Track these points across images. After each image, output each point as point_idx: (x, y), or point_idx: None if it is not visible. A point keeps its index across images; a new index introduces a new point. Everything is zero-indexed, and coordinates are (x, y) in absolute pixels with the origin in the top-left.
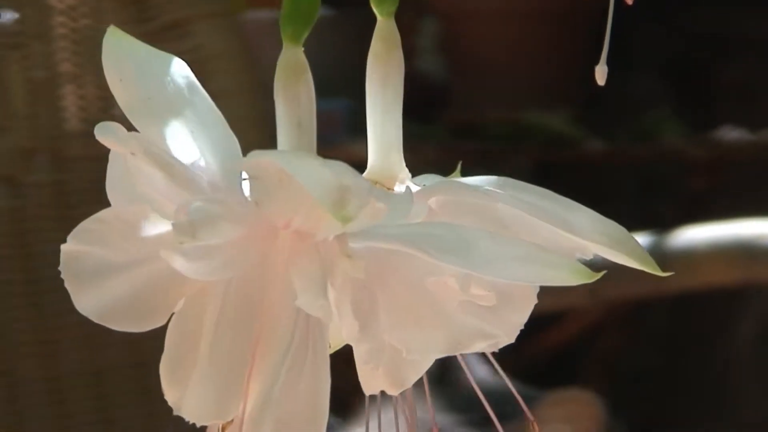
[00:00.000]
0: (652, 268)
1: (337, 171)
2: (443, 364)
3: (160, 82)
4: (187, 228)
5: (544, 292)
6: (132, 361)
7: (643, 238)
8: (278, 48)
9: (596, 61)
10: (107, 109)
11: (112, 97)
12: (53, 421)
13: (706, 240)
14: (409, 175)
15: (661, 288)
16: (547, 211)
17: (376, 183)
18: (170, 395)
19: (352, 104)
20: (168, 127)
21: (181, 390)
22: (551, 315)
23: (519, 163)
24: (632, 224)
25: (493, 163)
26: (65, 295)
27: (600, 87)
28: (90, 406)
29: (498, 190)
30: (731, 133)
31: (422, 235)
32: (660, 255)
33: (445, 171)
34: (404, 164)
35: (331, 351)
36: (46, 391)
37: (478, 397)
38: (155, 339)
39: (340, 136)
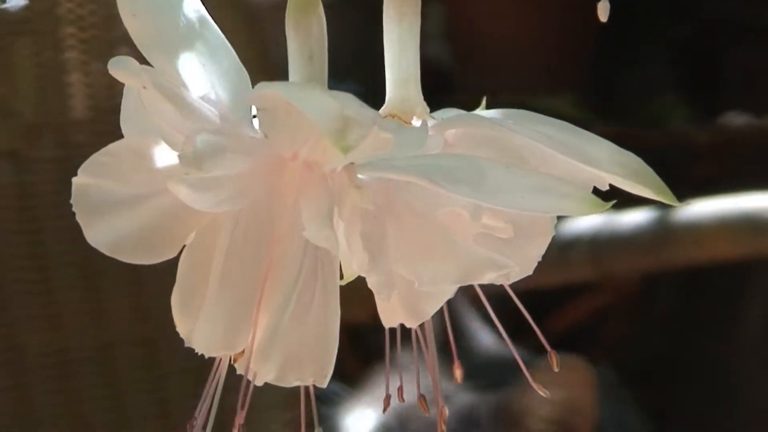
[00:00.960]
0: (668, 199)
1: (342, 101)
2: (446, 330)
3: (172, 17)
4: (192, 159)
5: (549, 266)
6: (139, 336)
7: (648, 213)
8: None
9: (603, 47)
10: (114, 97)
11: (118, 84)
12: (60, 395)
13: (711, 214)
14: (428, 108)
15: (666, 262)
16: (564, 143)
17: (393, 117)
18: (181, 327)
19: (359, 89)
20: (179, 60)
21: (192, 322)
22: (556, 296)
23: None
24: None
25: None
26: (72, 270)
27: (607, 72)
28: (97, 380)
29: (515, 123)
30: (737, 119)
31: (433, 167)
32: (665, 229)
33: None
34: (422, 98)
35: (343, 282)
36: (54, 365)
37: (481, 364)
38: (165, 312)
39: None
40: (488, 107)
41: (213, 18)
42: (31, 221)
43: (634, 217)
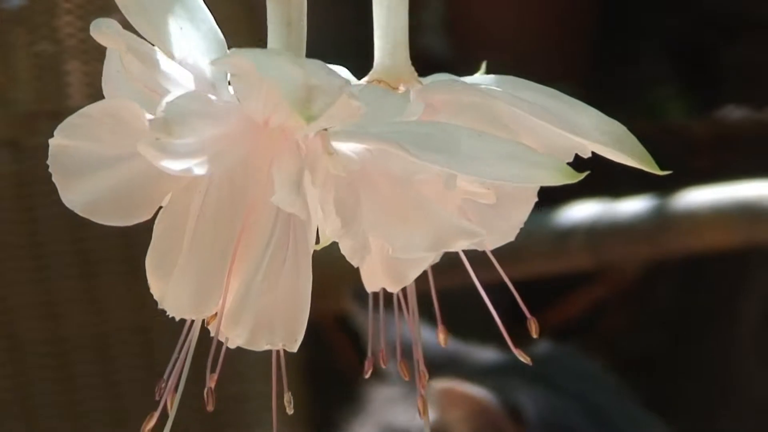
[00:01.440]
0: (651, 167)
1: (309, 69)
2: None
3: None
4: (161, 124)
5: (546, 254)
6: (135, 325)
7: (645, 201)
8: None
9: (602, 39)
10: None
11: None
12: (57, 383)
13: (708, 203)
14: (415, 74)
15: (663, 249)
16: (548, 110)
17: (380, 82)
18: (155, 288)
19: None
20: (158, 23)
21: (166, 284)
22: (553, 289)
23: None
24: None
25: None
26: (69, 258)
27: (605, 64)
28: (93, 368)
29: (498, 89)
30: (735, 112)
31: (407, 134)
32: (662, 216)
33: None
34: (410, 63)
35: (318, 248)
36: (50, 353)
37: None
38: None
39: None
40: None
41: (211, 7)
42: (28, 210)
43: (632, 206)
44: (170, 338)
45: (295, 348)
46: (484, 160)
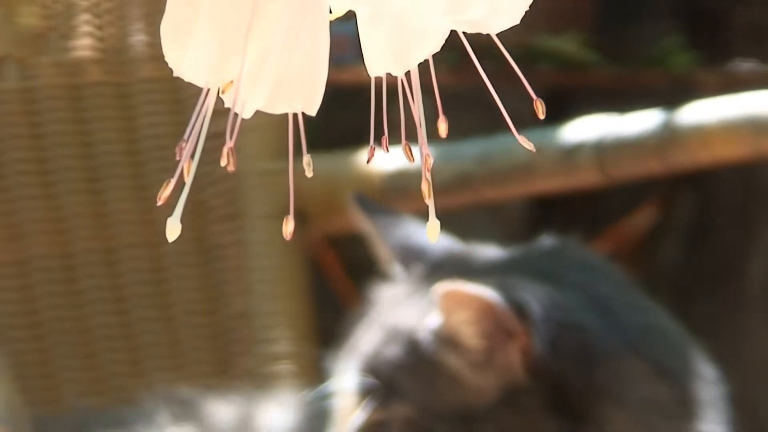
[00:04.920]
0: None
1: None
2: None
3: None
4: None
5: (554, 171)
6: (144, 240)
7: (653, 115)
8: None
9: None
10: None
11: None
12: (64, 298)
13: (716, 115)
14: None
15: (671, 163)
16: None
17: None
18: (170, 57)
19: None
20: None
21: (181, 52)
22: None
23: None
24: None
25: (507, 84)
26: (77, 174)
27: (614, 14)
28: (102, 283)
29: None
30: (743, 65)
31: None
32: (670, 131)
33: (458, 96)
34: None
35: (332, 17)
36: (58, 268)
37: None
38: (169, 216)
39: (349, 58)
40: (496, 48)
41: None
42: (35, 126)
43: (639, 120)
44: (179, 253)
45: (313, 111)
46: None
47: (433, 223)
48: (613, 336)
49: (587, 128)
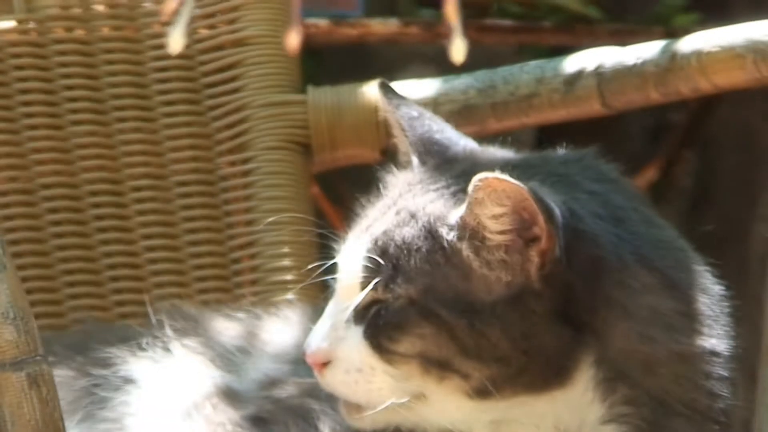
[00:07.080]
0: None
1: None
2: None
3: None
4: None
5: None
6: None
7: (653, 43)
8: None
9: None
10: None
11: None
12: (72, 227)
13: (717, 42)
14: None
15: (672, 92)
16: None
17: None
18: None
19: None
20: None
21: None
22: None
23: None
24: None
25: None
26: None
27: None
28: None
29: None
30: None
31: None
32: (671, 59)
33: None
34: None
35: None
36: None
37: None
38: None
39: (357, 13)
40: (497, 7)
41: None
42: (42, 58)
43: (640, 49)
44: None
45: None
46: None
47: (459, 43)
48: (624, 246)
49: (588, 59)
